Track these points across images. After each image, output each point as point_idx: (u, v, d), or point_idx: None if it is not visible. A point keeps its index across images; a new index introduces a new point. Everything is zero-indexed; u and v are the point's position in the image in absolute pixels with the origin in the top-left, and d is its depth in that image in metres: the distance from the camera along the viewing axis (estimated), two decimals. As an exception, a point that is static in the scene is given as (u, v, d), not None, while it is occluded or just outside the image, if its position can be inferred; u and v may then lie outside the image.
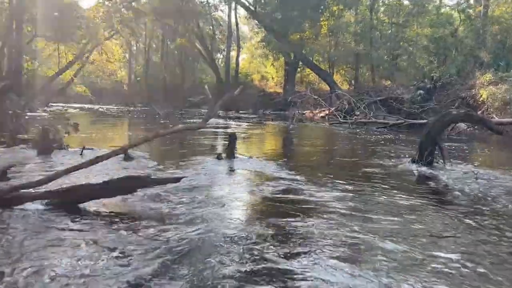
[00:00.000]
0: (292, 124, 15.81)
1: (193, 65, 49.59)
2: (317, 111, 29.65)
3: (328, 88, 32.16)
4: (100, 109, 30.68)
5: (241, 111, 34.66)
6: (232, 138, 6.84)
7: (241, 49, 55.67)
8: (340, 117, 16.22)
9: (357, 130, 14.30)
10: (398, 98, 21.52)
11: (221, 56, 46.54)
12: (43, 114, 20.02)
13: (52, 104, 33.26)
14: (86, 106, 37.37)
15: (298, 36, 26.61)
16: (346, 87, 32.93)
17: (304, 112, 31.33)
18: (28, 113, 18.85)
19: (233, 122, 18.13)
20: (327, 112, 26.74)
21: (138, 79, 50.95)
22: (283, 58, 34.83)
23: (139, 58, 53.60)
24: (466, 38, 25.23)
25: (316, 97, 19.83)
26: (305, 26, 27.22)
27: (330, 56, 29.25)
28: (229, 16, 36.69)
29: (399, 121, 15.13)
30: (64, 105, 35.61)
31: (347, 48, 27.47)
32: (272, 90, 37.53)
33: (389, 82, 27.77)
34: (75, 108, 31.05)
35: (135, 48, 54.78)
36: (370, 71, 29.43)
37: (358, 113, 17.96)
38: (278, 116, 28.66)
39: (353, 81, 32.96)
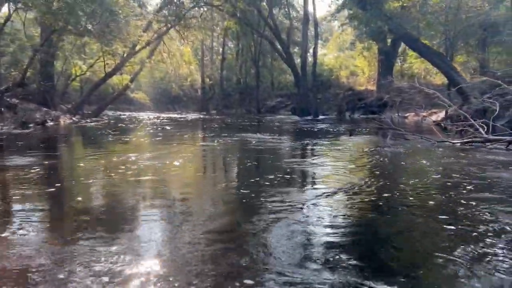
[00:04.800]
0: (389, 146, 8.51)
1: (270, 64, 43.42)
2: (425, 114, 21.40)
3: (440, 82, 23.87)
4: (154, 119, 25.86)
5: (322, 115, 27.52)
6: None
7: (325, 42, 48.40)
8: (484, 130, 8.30)
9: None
10: None
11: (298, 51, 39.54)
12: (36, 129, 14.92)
13: (105, 112, 29.55)
14: (147, 114, 33.28)
15: (398, 3, 17.90)
16: (466, 78, 23.79)
17: (406, 115, 23.22)
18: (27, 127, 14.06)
19: (286, 139, 11.31)
20: (443, 115, 18.49)
21: (210, 82, 46.16)
22: (376, 46, 26.85)
23: (215, 59, 48.74)
24: None
25: (430, 90, 11.73)
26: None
27: (447, 31, 19.09)
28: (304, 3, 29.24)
29: None
30: (120, 113, 32.00)
31: (474, 17, 17.18)
32: (362, 88, 29.63)
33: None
34: (127, 118, 26.72)
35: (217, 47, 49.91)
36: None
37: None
38: (369, 122, 21.05)
39: (473, 71, 23.66)
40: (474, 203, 3.87)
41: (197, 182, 5.23)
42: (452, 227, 3.21)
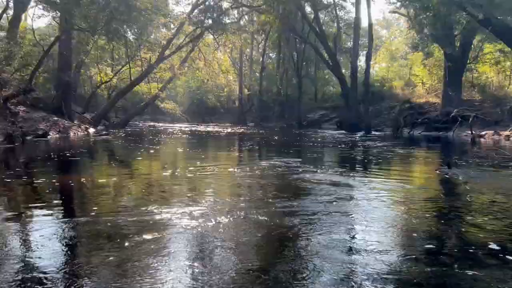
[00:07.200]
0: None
1: (313, 74, 40.00)
2: (509, 132, 17.22)
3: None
4: (183, 133, 23.18)
5: (375, 131, 23.66)
6: None
7: (377, 50, 44.34)
8: None
9: None
10: None
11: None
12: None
13: (134, 122, 27.19)
14: (179, 126, 30.66)
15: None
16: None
17: (482, 133, 19.05)
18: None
19: (356, 184, 7.75)
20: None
21: (249, 93, 43.23)
22: (441, 51, 22.82)
23: (254, 69, 45.72)
24: None
25: None
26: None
27: None
28: (356, 2, 25.47)
29: None
30: (151, 124, 29.53)
31: None
32: (422, 100, 25.49)
33: None
34: (154, 130, 24.17)
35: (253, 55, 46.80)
36: None
37: None
38: (431, 141, 17.14)
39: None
40: None
41: None
42: None
